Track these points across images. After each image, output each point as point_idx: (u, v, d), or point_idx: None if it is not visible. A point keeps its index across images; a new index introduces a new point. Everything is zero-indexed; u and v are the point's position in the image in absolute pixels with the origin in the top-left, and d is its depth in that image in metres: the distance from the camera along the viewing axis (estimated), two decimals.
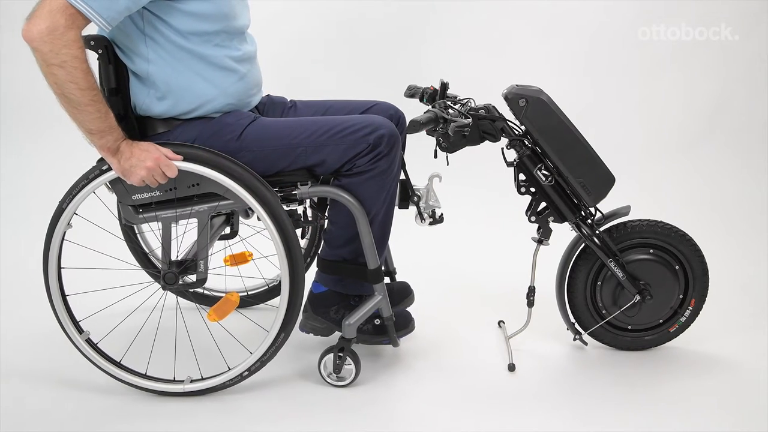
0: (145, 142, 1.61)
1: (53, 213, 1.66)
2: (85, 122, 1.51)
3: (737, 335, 2.10)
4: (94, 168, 1.64)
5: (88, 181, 1.64)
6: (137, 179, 1.57)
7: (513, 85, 1.84)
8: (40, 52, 1.42)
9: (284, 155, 1.68)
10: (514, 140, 1.83)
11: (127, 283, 1.97)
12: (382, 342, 1.87)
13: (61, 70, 1.43)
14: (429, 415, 1.72)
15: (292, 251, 1.67)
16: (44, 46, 1.41)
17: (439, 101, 1.82)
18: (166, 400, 1.76)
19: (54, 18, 1.40)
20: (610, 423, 1.67)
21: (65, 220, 1.65)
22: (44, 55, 1.42)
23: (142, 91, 1.64)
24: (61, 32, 1.40)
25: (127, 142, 1.58)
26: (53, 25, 1.40)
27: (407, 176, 1.87)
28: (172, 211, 1.67)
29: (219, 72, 1.66)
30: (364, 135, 1.65)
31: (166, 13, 1.56)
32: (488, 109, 1.85)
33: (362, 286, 1.82)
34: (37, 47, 1.41)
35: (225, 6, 1.62)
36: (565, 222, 1.87)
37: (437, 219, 1.92)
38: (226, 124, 1.68)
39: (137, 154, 1.56)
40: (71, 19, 1.42)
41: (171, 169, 1.59)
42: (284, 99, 1.99)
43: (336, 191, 1.70)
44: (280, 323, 1.70)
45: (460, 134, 1.77)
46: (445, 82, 1.91)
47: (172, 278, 1.70)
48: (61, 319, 1.72)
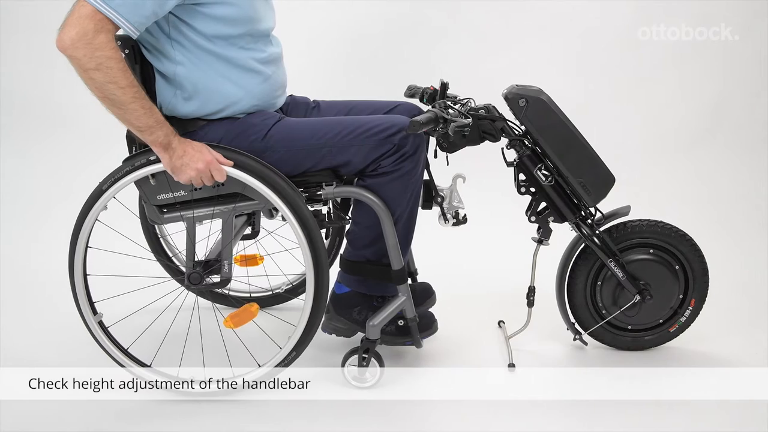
0: (198, 142, 1.61)
1: (91, 193, 1.65)
2: (132, 121, 1.52)
3: (737, 335, 2.11)
4: (141, 156, 1.63)
5: (134, 168, 1.63)
6: (185, 178, 1.58)
7: (513, 85, 1.84)
8: (75, 58, 1.45)
9: (310, 155, 1.68)
10: (514, 140, 1.83)
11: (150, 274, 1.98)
12: (405, 343, 1.86)
13: (97, 72, 1.45)
14: (429, 416, 1.72)
15: (317, 252, 1.66)
16: (77, 52, 1.44)
17: (439, 101, 1.82)
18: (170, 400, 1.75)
19: (82, 24, 1.43)
20: (609, 423, 1.67)
21: (103, 202, 1.64)
22: (79, 61, 1.45)
23: (168, 91, 1.66)
24: (91, 36, 1.43)
25: (180, 139, 1.59)
26: (82, 31, 1.43)
27: (431, 177, 1.87)
28: (197, 211, 1.68)
29: (244, 74, 1.67)
30: (389, 135, 1.65)
31: (191, 17, 1.58)
32: (488, 109, 1.85)
33: (385, 287, 1.82)
34: (71, 54, 1.45)
35: (249, 10, 1.63)
36: (565, 222, 1.88)
37: (461, 220, 1.92)
38: (252, 125, 1.69)
39: (190, 153, 1.58)
40: (100, 23, 1.44)
41: (220, 173, 1.59)
42: (307, 99, 1.99)
43: (361, 192, 1.69)
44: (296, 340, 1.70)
45: (460, 134, 1.77)
46: (445, 82, 1.92)
47: (197, 278, 1.70)
48: (78, 297, 1.70)
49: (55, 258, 1.85)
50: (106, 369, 1.78)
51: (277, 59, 1.78)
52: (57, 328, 2.10)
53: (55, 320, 2.14)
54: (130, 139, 1.75)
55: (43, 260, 2.55)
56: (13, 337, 2.10)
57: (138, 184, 1.67)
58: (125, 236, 1.92)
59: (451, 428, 1.66)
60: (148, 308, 1.93)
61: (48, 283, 2.38)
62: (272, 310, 2.25)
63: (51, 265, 2.12)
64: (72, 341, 1.95)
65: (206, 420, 1.68)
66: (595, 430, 1.65)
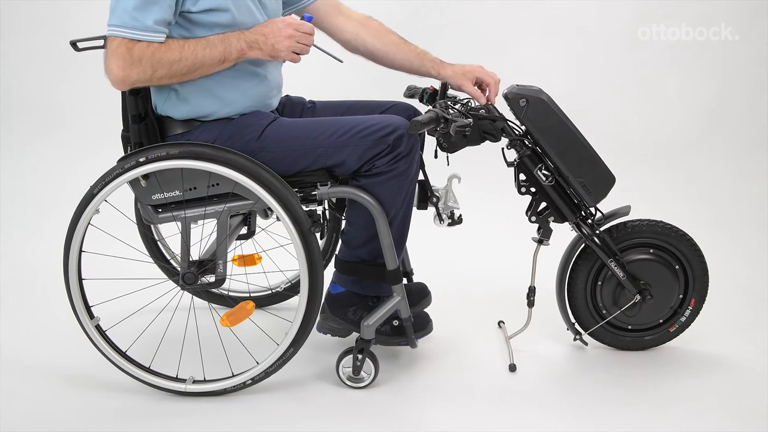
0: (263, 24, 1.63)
1: (83, 196, 1.65)
2: (212, 66, 1.59)
3: (737, 335, 2.11)
4: (131, 158, 1.62)
5: (124, 171, 1.62)
6: (287, 53, 1.61)
7: (513, 85, 1.84)
8: (138, 81, 1.54)
9: (304, 156, 1.68)
10: (514, 140, 1.84)
11: (145, 276, 1.98)
12: (399, 343, 1.86)
13: (158, 72, 1.53)
14: (429, 415, 1.72)
15: (311, 251, 1.66)
16: (132, 75, 1.52)
17: (440, 101, 1.82)
18: (170, 400, 1.75)
19: (117, 54, 1.51)
20: (610, 423, 1.67)
21: (94, 205, 1.64)
22: (141, 80, 1.54)
23: (162, 92, 1.66)
24: (130, 56, 1.50)
25: (248, 32, 1.60)
26: (121, 57, 1.50)
27: (426, 177, 1.87)
28: (191, 211, 1.68)
29: (239, 76, 1.68)
30: (383, 135, 1.65)
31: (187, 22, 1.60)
32: (488, 109, 1.85)
33: (380, 287, 1.81)
34: (133, 82, 1.54)
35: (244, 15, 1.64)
36: (565, 222, 1.88)
37: (456, 220, 1.92)
38: (246, 125, 1.69)
39: (268, 32, 1.60)
40: (129, 44, 1.51)
41: (304, 26, 1.61)
42: (303, 99, 2.00)
43: (355, 192, 1.69)
44: (292, 337, 1.70)
45: (461, 134, 1.77)
46: (446, 82, 1.92)
47: (191, 278, 1.70)
48: (74, 302, 1.70)
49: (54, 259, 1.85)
50: (106, 369, 1.78)
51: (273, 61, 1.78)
52: (57, 328, 2.10)
53: (55, 320, 2.14)
54: (126, 139, 1.75)
55: (43, 260, 2.55)
56: (13, 337, 2.10)
57: (132, 185, 1.67)
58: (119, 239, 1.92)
59: (448, 428, 1.66)
60: (145, 310, 1.93)
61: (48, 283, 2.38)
62: (271, 309, 2.25)
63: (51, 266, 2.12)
64: (72, 341, 1.95)
65: (206, 420, 1.68)
66: (595, 430, 1.65)
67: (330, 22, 1.92)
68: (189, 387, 1.74)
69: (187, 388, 1.74)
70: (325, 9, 1.91)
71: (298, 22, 1.61)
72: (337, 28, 1.93)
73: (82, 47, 1.66)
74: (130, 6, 1.49)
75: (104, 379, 1.82)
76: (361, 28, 1.92)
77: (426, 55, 1.92)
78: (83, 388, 1.80)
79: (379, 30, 1.94)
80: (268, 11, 1.73)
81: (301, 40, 1.61)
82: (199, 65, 1.57)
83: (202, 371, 1.79)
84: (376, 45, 1.92)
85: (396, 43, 1.92)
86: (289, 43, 1.60)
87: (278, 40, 1.59)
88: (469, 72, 1.88)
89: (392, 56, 1.92)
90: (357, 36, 1.92)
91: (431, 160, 1.89)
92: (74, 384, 1.83)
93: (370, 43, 1.92)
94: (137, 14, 1.49)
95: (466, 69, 1.89)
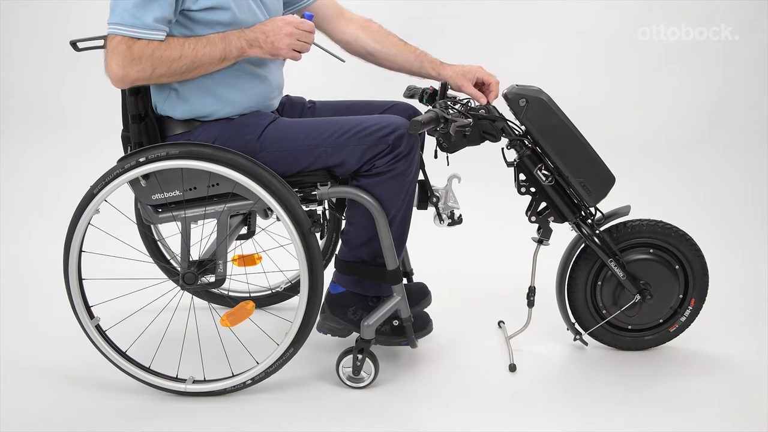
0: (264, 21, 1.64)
1: (83, 196, 1.65)
2: (212, 65, 1.59)
3: (737, 335, 2.11)
4: (131, 158, 1.62)
5: (124, 171, 1.62)
6: (287, 51, 1.61)
7: (513, 85, 1.84)
8: (138, 79, 1.54)
9: (304, 156, 1.68)
10: (514, 140, 1.84)
11: (146, 276, 1.98)
12: (399, 343, 1.86)
13: (159, 69, 1.53)
14: (429, 415, 1.72)
15: (311, 250, 1.67)
16: (131, 74, 1.52)
17: (440, 101, 1.82)
18: (170, 400, 1.75)
19: (117, 52, 1.51)
20: (610, 423, 1.68)
21: (94, 205, 1.64)
22: (140, 78, 1.53)
23: (162, 92, 1.67)
24: (130, 54, 1.51)
25: (248, 30, 1.61)
26: (120, 56, 1.51)
27: (426, 177, 1.88)
28: (191, 211, 1.68)
29: (240, 76, 1.68)
30: (383, 135, 1.65)
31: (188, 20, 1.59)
32: (488, 109, 1.85)
33: (380, 287, 1.82)
34: (133, 80, 1.54)
35: (245, 14, 1.64)
36: (565, 222, 1.88)
37: (456, 220, 1.92)
38: (247, 125, 1.69)
39: (268, 30, 1.60)
40: (129, 42, 1.51)
41: (304, 24, 1.62)
42: (303, 99, 2.00)
43: (355, 192, 1.69)
44: (292, 337, 1.70)
45: (461, 134, 1.77)
46: (445, 82, 1.92)
47: (191, 278, 1.70)
48: (74, 302, 1.70)
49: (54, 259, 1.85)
50: (106, 369, 1.78)
51: (274, 61, 1.78)
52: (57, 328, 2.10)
53: (55, 320, 2.13)
54: (126, 139, 1.75)
55: (43, 260, 2.55)
56: (13, 337, 2.10)
57: (132, 185, 1.67)
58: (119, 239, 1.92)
59: (448, 428, 1.66)
60: (145, 310, 1.93)
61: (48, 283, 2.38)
62: (271, 309, 2.25)
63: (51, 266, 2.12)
64: (72, 341, 1.95)
65: (206, 420, 1.68)
66: (595, 430, 1.65)
67: (330, 25, 1.93)
68: (189, 387, 1.74)
69: (187, 388, 1.74)
70: (326, 11, 1.92)
71: (298, 21, 1.62)
72: (338, 31, 1.94)
73: (82, 47, 1.66)
74: (130, 4, 1.49)
75: (104, 379, 1.82)
76: (361, 30, 1.93)
77: (426, 57, 1.92)
78: (83, 388, 1.81)
79: (379, 32, 1.95)
80: (268, 10, 1.73)
81: (301, 38, 1.61)
82: (199, 63, 1.57)
83: (202, 371, 1.79)
84: (376, 47, 1.92)
85: (396, 45, 1.93)
86: (290, 41, 1.60)
87: (278, 38, 1.60)
88: (469, 72, 1.88)
89: (392, 58, 1.93)
90: (357, 38, 1.93)
91: (431, 160, 1.89)
92: (74, 384, 1.83)
93: (370, 45, 1.92)
94: (137, 12, 1.49)
95: (466, 69, 1.89)
